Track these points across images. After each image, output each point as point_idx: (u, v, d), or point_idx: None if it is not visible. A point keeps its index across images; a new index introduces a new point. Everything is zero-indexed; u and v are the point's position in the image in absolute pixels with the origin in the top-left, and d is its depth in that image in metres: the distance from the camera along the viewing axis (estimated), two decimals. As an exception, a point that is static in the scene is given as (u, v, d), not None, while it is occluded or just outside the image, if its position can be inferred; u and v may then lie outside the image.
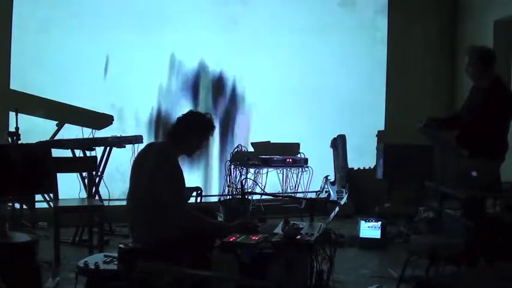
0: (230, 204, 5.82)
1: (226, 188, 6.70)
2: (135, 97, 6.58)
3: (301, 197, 6.95)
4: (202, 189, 4.25)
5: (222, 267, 3.14)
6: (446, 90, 7.74)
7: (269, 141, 6.87)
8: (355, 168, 7.26)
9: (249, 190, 6.10)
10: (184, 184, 3.57)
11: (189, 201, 3.95)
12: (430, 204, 5.59)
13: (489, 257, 3.66)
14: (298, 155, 6.94)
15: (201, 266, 3.12)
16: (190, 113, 3.73)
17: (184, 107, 6.71)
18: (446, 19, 7.80)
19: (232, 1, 7.00)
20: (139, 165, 3.55)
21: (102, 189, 5.78)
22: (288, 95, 7.15)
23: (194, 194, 4.10)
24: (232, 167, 6.67)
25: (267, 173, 6.84)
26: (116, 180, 6.22)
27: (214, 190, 6.94)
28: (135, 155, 5.89)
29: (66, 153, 5.44)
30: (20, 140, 4.75)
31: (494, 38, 6.88)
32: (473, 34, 7.29)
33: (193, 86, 6.90)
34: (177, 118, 3.68)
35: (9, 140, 4.97)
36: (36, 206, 5.50)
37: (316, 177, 6.98)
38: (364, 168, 7.34)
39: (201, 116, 3.69)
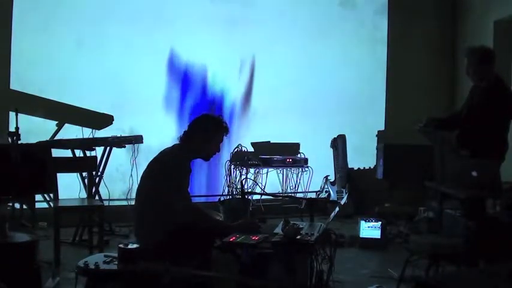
0: (230, 204, 5.81)
1: (226, 188, 6.70)
2: (136, 97, 6.59)
3: (301, 197, 6.95)
4: (202, 189, 4.25)
5: (222, 267, 3.14)
6: (446, 90, 7.74)
7: (269, 141, 6.87)
8: (355, 168, 7.26)
9: (249, 190, 6.09)
10: (188, 185, 3.58)
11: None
12: (430, 204, 5.59)
13: (489, 257, 3.66)
14: (298, 155, 6.93)
15: (201, 266, 3.12)
16: (201, 116, 3.71)
17: (184, 107, 6.74)
18: (446, 19, 7.80)
19: (232, 1, 7.00)
20: (149, 166, 3.58)
21: (102, 189, 5.78)
22: (288, 94, 7.16)
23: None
24: (232, 167, 6.66)
25: (267, 173, 6.84)
26: (116, 180, 6.23)
27: (214, 190, 6.94)
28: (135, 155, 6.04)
29: (66, 153, 5.44)
30: (20, 140, 4.75)
31: (494, 38, 6.87)
32: (473, 34, 7.29)
33: (193, 86, 6.91)
34: (190, 122, 3.66)
35: (9, 140, 4.96)
36: (36, 206, 5.49)
37: (316, 177, 6.98)
38: (364, 168, 7.34)
39: (213, 119, 3.67)
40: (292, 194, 6.96)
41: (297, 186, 7.00)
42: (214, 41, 6.86)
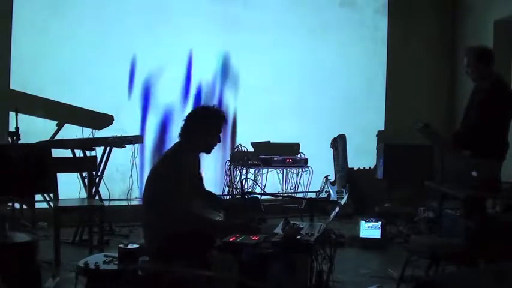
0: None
1: (226, 188, 6.69)
2: (137, 97, 6.59)
3: (301, 197, 6.95)
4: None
5: (222, 267, 3.14)
6: (446, 90, 7.74)
7: (269, 141, 6.86)
8: (355, 168, 7.26)
9: (249, 190, 6.09)
10: (195, 177, 3.56)
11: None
12: (430, 204, 5.60)
13: (489, 257, 3.66)
14: (298, 155, 6.93)
15: (201, 266, 3.12)
16: (196, 108, 3.69)
17: (185, 106, 6.74)
18: (446, 19, 7.80)
19: (233, 1, 7.00)
20: (152, 167, 3.57)
21: (102, 189, 5.78)
22: (288, 94, 7.15)
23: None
24: (232, 167, 6.66)
25: (267, 173, 6.83)
26: (116, 180, 6.23)
27: (213, 190, 6.92)
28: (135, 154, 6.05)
29: (66, 153, 5.44)
30: (20, 140, 4.75)
31: (494, 38, 6.88)
32: (473, 34, 7.29)
33: (193, 85, 6.91)
34: (186, 116, 3.61)
35: (9, 140, 4.97)
36: (36, 206, 5.50)
37: (316, 177, 6.97)
38: (364, 168, 7.34)
39: (208, 109, 3.61)
40: (292, 194, 6.96)
41: (297, 186, 7.00)
42: (214, 41, 6.86)
